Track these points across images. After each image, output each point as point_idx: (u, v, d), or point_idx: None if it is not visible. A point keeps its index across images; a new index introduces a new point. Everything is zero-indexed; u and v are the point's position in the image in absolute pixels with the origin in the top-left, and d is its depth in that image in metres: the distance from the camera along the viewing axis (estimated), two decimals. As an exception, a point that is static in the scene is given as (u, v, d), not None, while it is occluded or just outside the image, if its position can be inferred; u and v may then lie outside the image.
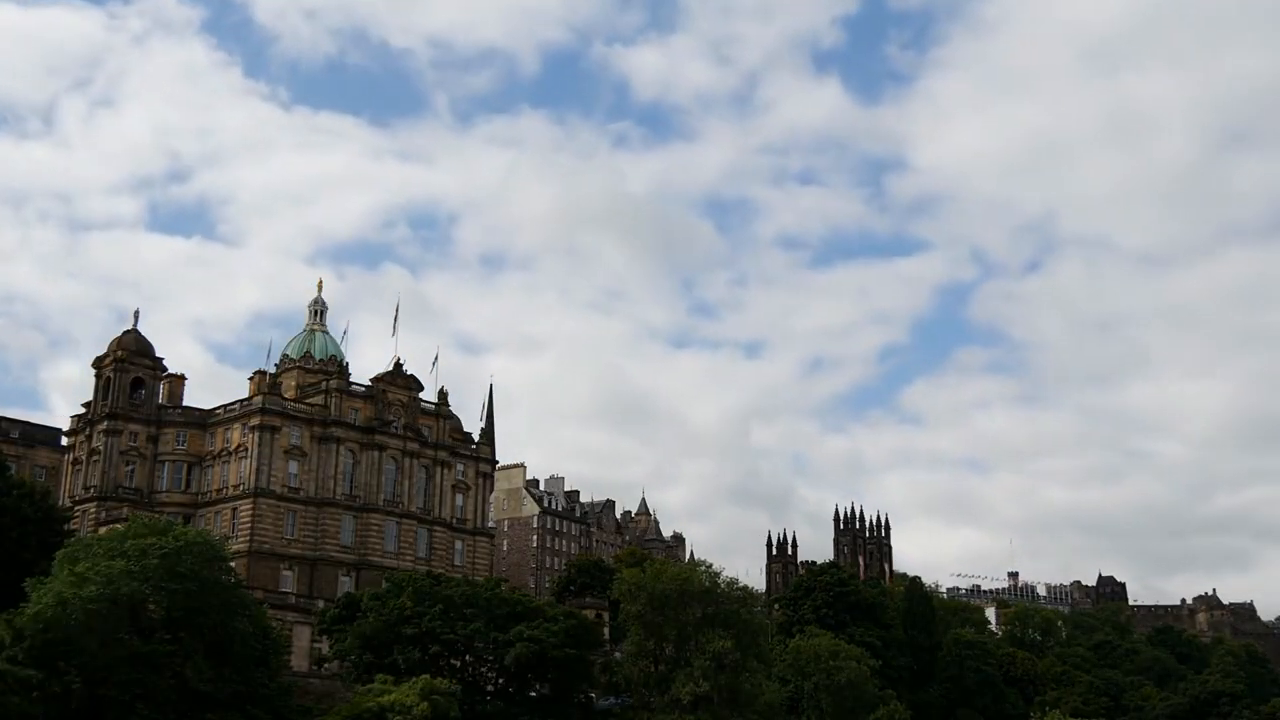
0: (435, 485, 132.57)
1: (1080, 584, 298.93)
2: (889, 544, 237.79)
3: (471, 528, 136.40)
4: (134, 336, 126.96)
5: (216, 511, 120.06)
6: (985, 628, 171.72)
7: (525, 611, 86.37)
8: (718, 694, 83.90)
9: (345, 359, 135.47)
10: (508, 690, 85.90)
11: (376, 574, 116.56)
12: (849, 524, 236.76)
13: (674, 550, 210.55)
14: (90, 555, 65.02)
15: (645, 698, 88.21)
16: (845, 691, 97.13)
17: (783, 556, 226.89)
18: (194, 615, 66.65)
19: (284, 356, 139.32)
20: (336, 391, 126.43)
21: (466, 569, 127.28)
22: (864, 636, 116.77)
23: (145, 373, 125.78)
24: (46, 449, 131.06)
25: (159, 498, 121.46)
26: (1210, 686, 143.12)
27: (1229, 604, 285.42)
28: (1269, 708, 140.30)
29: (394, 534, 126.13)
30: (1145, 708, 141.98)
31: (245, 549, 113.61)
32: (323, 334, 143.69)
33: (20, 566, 71.00)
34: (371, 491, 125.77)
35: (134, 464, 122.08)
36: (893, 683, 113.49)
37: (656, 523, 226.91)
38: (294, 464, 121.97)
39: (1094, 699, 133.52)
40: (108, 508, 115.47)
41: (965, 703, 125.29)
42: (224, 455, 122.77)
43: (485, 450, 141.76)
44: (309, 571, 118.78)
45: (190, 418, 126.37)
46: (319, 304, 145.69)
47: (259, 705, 67.18)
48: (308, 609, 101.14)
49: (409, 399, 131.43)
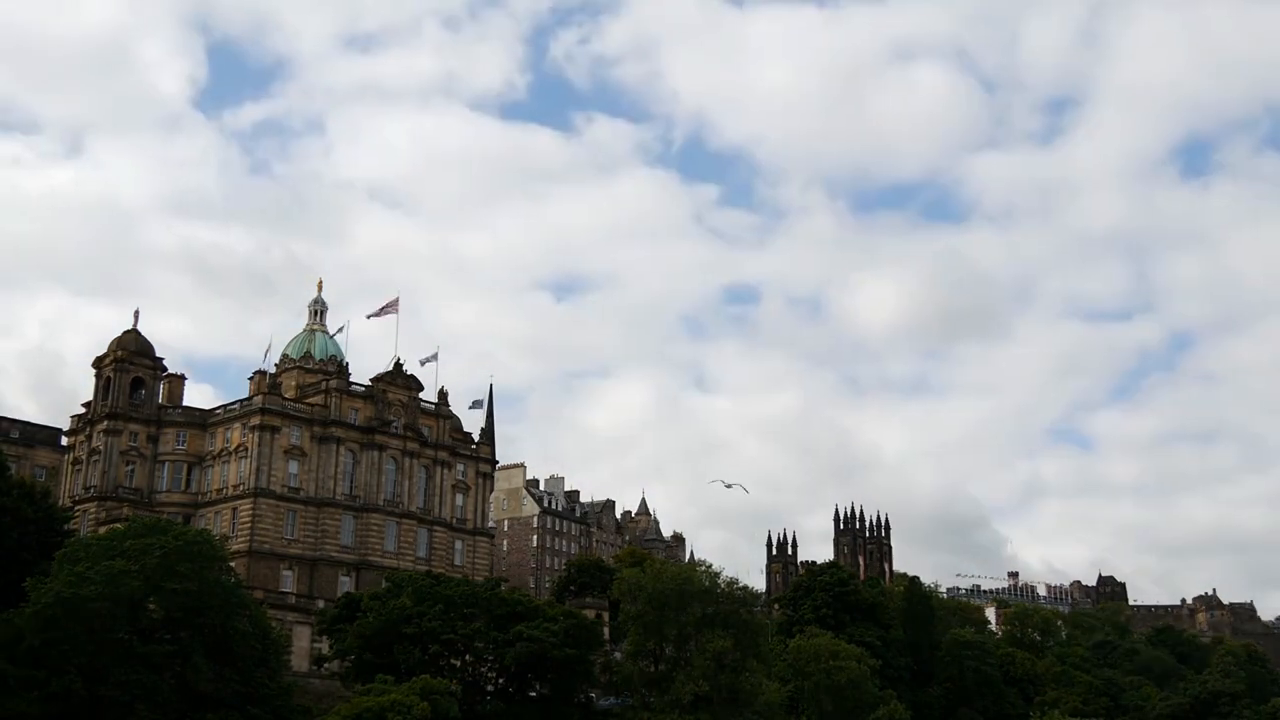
0: (435, 485, 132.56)
1: (1080, 584, 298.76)
2: (889, 544, 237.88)
3: (471, 528, 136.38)
4: (134, 336, 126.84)
5: (216, 511, 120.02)
6: (985, 628, 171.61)
7: (525, 611, 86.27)
8: (718, 694, 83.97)
9: (345, 359, 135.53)
10: (508, 690, 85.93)
11: (376, 574, 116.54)
12: (849, 524, 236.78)
13: (674, 550, 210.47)
14: (90, 555, 65.09)
15: (645, 698, 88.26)
16: (845, 691, 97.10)
17: (783, 556, 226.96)
18: (194, 615, 66.69)
19: (284, 356, 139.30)
20: (336, 391, 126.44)
21: (466, 569, 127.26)
22: (864, 636, 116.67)
23: (145, 373, 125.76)
24: (46, 449, 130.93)
25: (159, 498, 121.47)
26: (1210, 686, 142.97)
27: (1229, 604, 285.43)
28: (1269, 708, 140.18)
29: (394, 534, 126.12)
30: (1145, 708, 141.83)
31: (245, 549, 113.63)
32: (323, 334, 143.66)
33: (20, 566, 70.93)
34: (371, 491, 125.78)
35: (134, 464, 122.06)
36: (893, 683, 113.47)
37: (656, 523, 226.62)
38: (294, 464, 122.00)
39: (1094, 699, 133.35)
40: (108, 508, 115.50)
41: (965, 703, 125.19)
42: (224, 455, 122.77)
43: (485, 450, 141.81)
44: (309, 571, 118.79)
45: (190, 418, 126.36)
46: (319, 304, 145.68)
47: (259, 705, 67.24)
48: (308, 609, 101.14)
49: (409, 399, 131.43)
